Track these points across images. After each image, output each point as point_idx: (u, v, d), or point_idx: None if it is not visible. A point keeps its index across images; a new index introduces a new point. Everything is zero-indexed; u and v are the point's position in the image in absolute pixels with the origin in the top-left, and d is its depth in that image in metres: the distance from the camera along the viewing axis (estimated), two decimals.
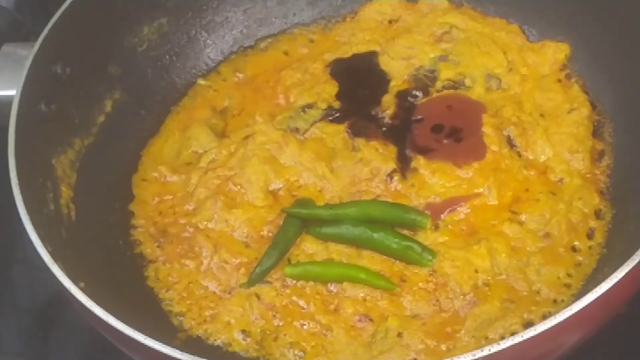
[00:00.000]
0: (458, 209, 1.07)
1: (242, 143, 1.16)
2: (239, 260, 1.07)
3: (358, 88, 1.24)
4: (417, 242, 1.03)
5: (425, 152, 1.12)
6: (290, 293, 1.03)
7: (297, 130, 1.18)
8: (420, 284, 1.01)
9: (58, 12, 1.11)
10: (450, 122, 1.16)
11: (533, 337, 0.77)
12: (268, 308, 1.03)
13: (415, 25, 1.28)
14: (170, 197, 1.15)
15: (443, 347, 0.97)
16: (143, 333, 0.83)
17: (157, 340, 0.82)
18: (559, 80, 1.19)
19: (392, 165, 1.11)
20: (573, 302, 0.79)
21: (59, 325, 1.16)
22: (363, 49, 1.28)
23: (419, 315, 0.99)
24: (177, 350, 0.80)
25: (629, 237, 0.95)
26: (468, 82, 1.20)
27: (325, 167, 1.12)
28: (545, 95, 1.17)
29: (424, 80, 1.22)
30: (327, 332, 1.00)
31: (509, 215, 1.06)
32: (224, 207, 1.10)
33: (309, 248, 1.06)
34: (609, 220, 1.04)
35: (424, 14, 1.29)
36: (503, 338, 0.85)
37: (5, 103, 1.03)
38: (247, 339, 1.01)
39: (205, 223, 1.10)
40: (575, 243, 1.03)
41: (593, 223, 1.05)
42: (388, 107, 1.20)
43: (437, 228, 1.06)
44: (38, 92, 1.06)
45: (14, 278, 1.24)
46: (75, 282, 0.88)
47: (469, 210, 1.07)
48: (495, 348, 0.77)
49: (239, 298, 1.04)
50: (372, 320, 1.00)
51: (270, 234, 1.08)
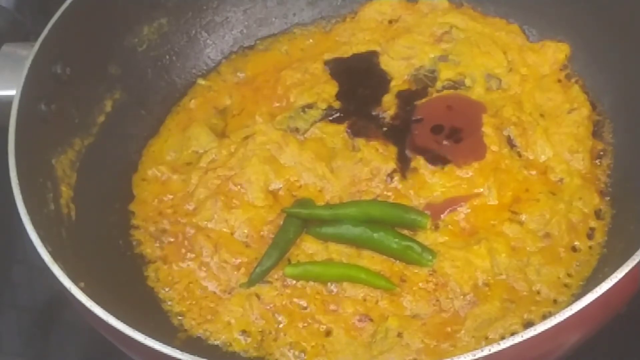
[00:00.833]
0: (458, 209, 1.07)
1: (242, 143, 1.16)
2: (239, 260, 1.07)
3: (358, 88, 1.24)
4: (417, 242, 1.03)
5: (425, 152, 1.12)
6: (291, 293, 1.03)
7: (297, 130, 1.18)
8: (420, 284, 1.01)
9: (58, 12, 1.11)
10: (451, 122, 1.16)
11: (533, 337, 0.77)
12: (268, 308, 1.03)
13: (415, 25, 1.28)
14: (171, 197, 1.15)
15: (443, 347, 0.97)
16: (143, 333, 0.83)
17: (157, 340, 0.82)
18: (559, 81, 1.19)
19: (392, 165, 1.11)
20: (573, 302, 0.79)
21: (59, 325, 1.16)
22: (363, 49, 1.28)
23: (419, 315, 0.99)
24: (177, 350, 0.80)
25: (629, 237, 0.95)
26: (468, 82, 1.20)
27: (325, 167, 1.12)
28: (545, 95, 1.17)
29: (424, 80, 1.22)
30: (327, 332, 1.00)
31: (509, 215, 1.06)
32: (224, 207, 1.10)
33: (309, 248, 1.06)
34: (609, 220, 1.04)
35: (424, 14, 1.29)
36: (503, 338, 0.85)
37: (5, 103, 1.03)
38: (247, 339, 1.01)
39: (205, 223, 1.10)
40: (576, 243, 1.03)
41: (593, 223, 1.05)
42: (389, 107, 1.20)
43: (437, 228, 1.06)
44: (38, 92, 1.06)
45: (14, 278, 1.24)
46: (75, 282, 0.88)
47: (469, 210, 1.07)
48: (495, 348, 0.77)
49: (239, 298, 1.04)
50: (372, 320, 1.00)
51: (271, 234, 1.08)
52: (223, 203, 1.10)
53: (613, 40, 1.13)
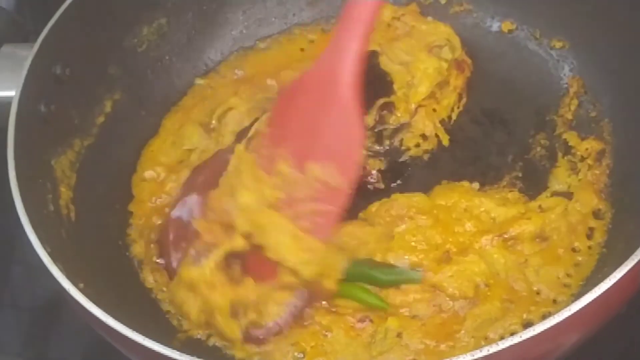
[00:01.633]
0: None
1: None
2: None
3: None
4: (399, 269, 1.01)
5: None
6: None
7: None
8: (417, 295, 1.01)
9: (57, 12, 1.10)
10: None
11: (532, 337, 0.77)
12: None
13: (415, 31, 1.27)
14: (167, 197, 1.15)
15: (443, 347, 0.96)
16: (142, 334, 0.83)
17: (156, 341, 0.82)
18: None
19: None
20: (573, 302, 0.79)
21: (59, 325, 1.16)
22: None
23: (419, 316, 0.99)
24: (176, 351, 0.80)
25: (629, 237, 0.95)
26: None
27: None
28: None
29: None
30: (327, 332, 1.00)
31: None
32: None
33: None
34: (609, 220, 1.04)
35: (425, 22, 1.28)
36: (503, 338, 0.85)
37: (5, 104, 1.03)
38: None
39: None
40: (575, 244, 1.03)
41: (592, 223, 1.04)
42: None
43: None
44: (37, 92, 1.06)
45: (14, 278, 1.24)
46: (75, 283, 0.88)
47: None
48: (495, 348, 0.77)
49: None
50: (371, 321, 1.00)
51: None
52: None
53: (613, 40, 1.13)
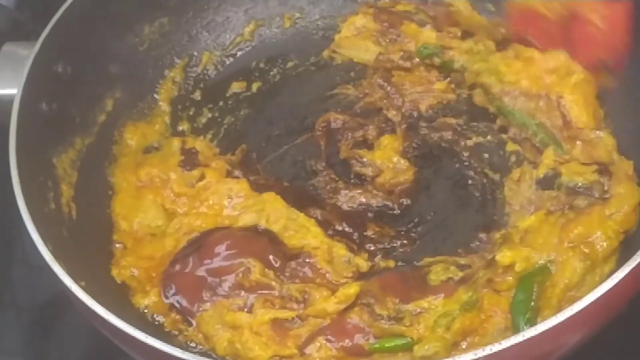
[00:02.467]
0: None
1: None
2: None
3: None
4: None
5: None
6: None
7: None
8: None
9: (59, 11, 1.11)
10: None
11: (534, 336, 0.77)
12: None
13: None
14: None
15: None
16: (144, 332, 0.83)
17: (158, 339, 0.82)
18: None
19: None
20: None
21: (59, 325, 1.16)
22: None
23: None
24: (177, 349, 0.80)
25: (629, 236, 0.95)
26: None
27: None
28: None
29: None
30: None
31: None
32: None
33: None
34: None
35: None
36: None
37: (7, 102, 1.03)
38: None
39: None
40: None
41: None
42: None
43: None
44: (39, 91, 1.06)
45: (14, 278, 1.24)
46: (76, 281, 0.88)
47: None
48: (496, 348, 0.77)
49: None
50: None
51: None
52: None
53: None
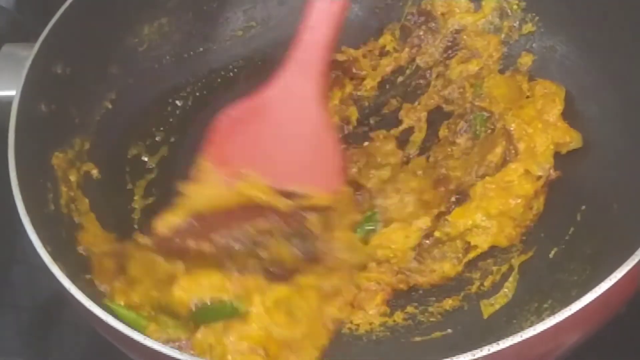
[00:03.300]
0: None
1: None
2: None
3: None
4: None
5: None
6: None
7: None
8: None
9: (58, 12, 1.11)
10: None
11: (532, 336, 0.77)
12: None
13: None
14: None
15: None
16: (142, 333, 0.83)
17: (156, 341, 0.82)
18: None
19: None
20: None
21: (59, 325, 1.16)
22: None
23: None
24: (176, 351, 0.80)
25: (629, 237, 0.95)
26: None
27: None
28: None
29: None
30: None
31: None
32: None
33: None
34: None
35: None
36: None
37: (6, 103, 1.03)
38: None
39: None
40: None
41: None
42: None
43: None
44: (38, 92, 1.06)
45: (14, 278, 1.24)
46: (75, 282, 0.88)
47: None
48: (495, 348, 0.77)
49: None
50: None
51: None
52: None
53: (612, 40, 1.13)
